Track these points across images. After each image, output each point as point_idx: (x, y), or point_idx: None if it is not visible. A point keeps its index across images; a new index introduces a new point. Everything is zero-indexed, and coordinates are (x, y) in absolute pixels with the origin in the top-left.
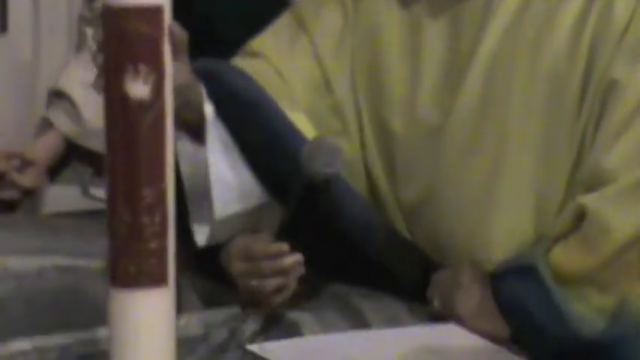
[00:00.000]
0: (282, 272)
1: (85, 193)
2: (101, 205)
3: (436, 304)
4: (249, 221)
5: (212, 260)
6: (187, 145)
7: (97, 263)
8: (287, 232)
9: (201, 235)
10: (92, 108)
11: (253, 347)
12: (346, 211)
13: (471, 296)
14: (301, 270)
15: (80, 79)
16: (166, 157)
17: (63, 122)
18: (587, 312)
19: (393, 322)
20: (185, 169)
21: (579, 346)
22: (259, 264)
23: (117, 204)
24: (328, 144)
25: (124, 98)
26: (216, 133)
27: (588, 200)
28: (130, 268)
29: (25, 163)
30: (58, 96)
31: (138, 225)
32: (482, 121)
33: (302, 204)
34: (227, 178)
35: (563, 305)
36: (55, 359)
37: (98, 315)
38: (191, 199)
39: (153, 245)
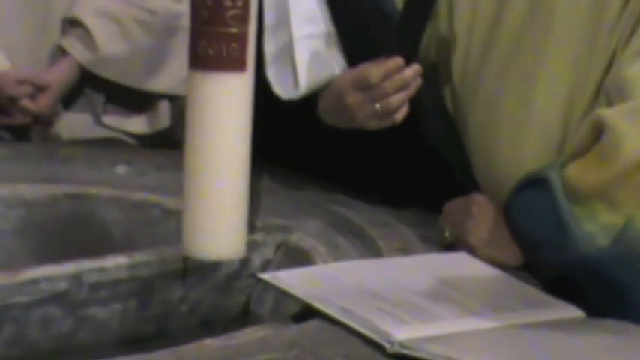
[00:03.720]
0: (404, 85)
1: (98, 121)
2: (113, 134)
3: (447, 233)
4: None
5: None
6: None
7: (109, 191)
8: None
9: (283, 87)
10: (106, 36)
11: (265, 276)
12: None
13: (482, 225)
14: (419, 81)
15: (95, 7)
16: None
17: (77, 50)
18: (593, 229)
19: (404, 250)
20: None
21: (579, 262)
22: (381, 85)
23: None
24: None
25: None
26: None
27: (606, 113)
28: (209, 51)
29: (38, 89)
30: (72, 24)
31: (220, 9)
32: (530, 18)
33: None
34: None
35: (569, 219)
36: (65, 287)
37: (109, 243)
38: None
39: (234, 30)
